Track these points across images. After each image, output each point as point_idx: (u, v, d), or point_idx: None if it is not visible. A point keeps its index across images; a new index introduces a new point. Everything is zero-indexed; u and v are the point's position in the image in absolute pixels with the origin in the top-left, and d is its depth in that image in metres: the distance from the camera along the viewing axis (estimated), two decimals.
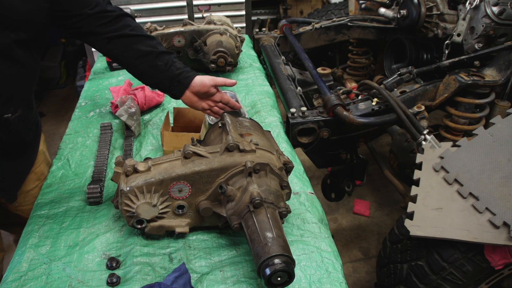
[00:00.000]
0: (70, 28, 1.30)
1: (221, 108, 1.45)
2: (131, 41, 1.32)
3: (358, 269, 2.54)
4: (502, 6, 1.94)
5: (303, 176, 1.50)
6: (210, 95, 1.42)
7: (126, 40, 1.32)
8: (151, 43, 1.34)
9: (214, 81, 1.39)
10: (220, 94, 1.44)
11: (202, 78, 1.38)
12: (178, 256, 1.16)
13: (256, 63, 2.40)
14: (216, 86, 1.41)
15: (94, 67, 2.39)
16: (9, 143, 1.31)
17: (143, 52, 1.32)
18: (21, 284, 1.08)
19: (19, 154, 1.40)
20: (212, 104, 1.44)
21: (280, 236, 0.99)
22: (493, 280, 1.52)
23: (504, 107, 2.01)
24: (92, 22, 1.28)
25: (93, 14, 1.27)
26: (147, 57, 1.32)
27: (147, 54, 1.32)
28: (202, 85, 1.37)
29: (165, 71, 1.34)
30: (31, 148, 1.48)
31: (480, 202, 1.35)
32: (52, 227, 1.26)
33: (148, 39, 1.35)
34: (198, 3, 3.65)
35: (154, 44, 1.34)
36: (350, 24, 2.71)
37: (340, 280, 1.10)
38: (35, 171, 1.54)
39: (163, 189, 1.11)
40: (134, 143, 1.68)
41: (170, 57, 1.36)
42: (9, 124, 1.23)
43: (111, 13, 1.30)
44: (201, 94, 1.40)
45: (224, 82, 1.42)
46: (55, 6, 1.21)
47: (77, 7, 1.25)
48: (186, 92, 1.38)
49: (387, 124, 1.93)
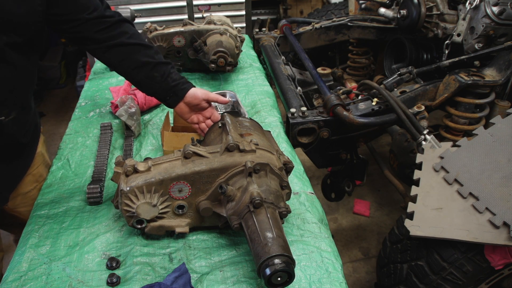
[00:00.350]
0: (67, 33, 1.29)
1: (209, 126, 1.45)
2: (128, 51, 1.32)
3: (358, 269, 2.55)
4: (502, 6, 1.94)
5: (303, 176, 1.50)
6: (202, 109, 1.43)
7: (124, 49, 1.32)
8: (149, 53, 1.34)
9: (207, 96, 1.41)
10: (212, 110, 1.45)
11: (195, 90, 1.40)
12: (178, 256, 1.16)
13: (256, 63, 2.40)
14: (208, 101, 1.42)
15: (94, 67, 2.39)
16: (3, 146, 1.29)
17: (140, 62, 1.32)
18: (21, 284, 1.08)
19: (13, 157, 1.38)
20: (201, 119, 1.46)
21: (280, 236, 0.99)
22: (493, 280, 1.52)
23: (504, 107, 2.01)
24: (90, 27, 1.27)
25: (91, 19, 1.26)
26: (143, 68, 1.33)
27: (144, 65, 1.33)
28: (194, 97, 1.39)
29: (161, 82, 1.35)
30: (27, 151, 1.46)
31: (480, 202, 1.35)
32: (52, 227, 1.26)
33: (145, 48, 1.35)
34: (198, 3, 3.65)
35: (152, 54, 1.35)
36: (350, 24, 2.71)
37: (340, 280, 1.10)
38: (33, 173, 1.53)
39: (163, 189, 1.11)
40: (134, 143, 1.68)
41: (167, 68, 1.36)
42: (2, 127, 1.21)
43: (109, 18, 1.30)
44: (192, 106, 1.41)
45: (217, 99, 1.43)
46: (52, 9, 1.19)
47: (75, 11, 1.24)
48: (180, 103, 1.40)
49: (387, 124, 1.93)
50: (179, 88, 1.37)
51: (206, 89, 2.07)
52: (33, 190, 1.52)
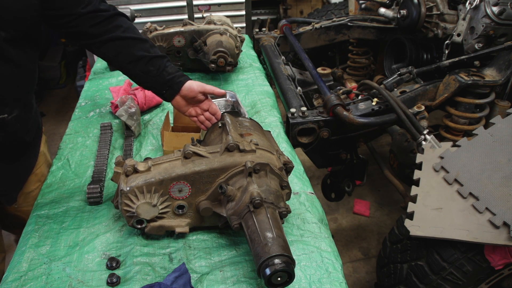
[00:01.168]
0: (63, 28, 1.29)
1: (208, 119, 1.44)
2: (123, 45, 1.32)
3: (358, 269, 2.55)
4: (502, 6, 1.94)
5: (303, 176, 1.50)
6: (198, 102, 1.42)
7: (119, 43, 1.31)
8: (144, 47, 1.34)
9: (203, 88, 1.40)
10: (209, 102, 1.44)
11: (191, 83, 1.39)
12: (178, 256, 1.16)
13: (256, 63, 2.40)
14: (205, 93, 1.41)
15: (94, 67, 2.39)
16: (7, 144, 1.29)
17: (135, 57, 1.32)
18: (21, 284, 1.08)
19: (18, 156, 1.39)
20: (199, 111, 1.45)
21: (280, 236, 0.99)
22: (493, 280, 1.52)
23: (504, 107, 2.01)
24: (84, 21, 1.27)
25: (86, 13, 1.25)
26: (139, 62, 1.33)
27: (139, 59, 1.33)
28: (190, 90, 1.38)
29: (156, 76, 1.35)
30: (31, 150, 1.47)
31: (480, 202, 1.35)
32: (52, 227, 1.26)
33: (140, 42, 1.34)
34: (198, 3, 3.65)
35: (147, 47, 1.34)
36: (350, 24, 2.71)
37: (340, 280, 1.10)
38: (36, 172, 1.54)
39: (163, 189, 1.11)
40: (134, 143, 1.68)
41: (163, 62, 1.36)
42: (5, 125, 1.22)
43: (104, 12, 1.29)
44: (189, 99, 1.40)
45: (213, 91, 1.42)
46: (47, 4, 1.19)
47: (70, 5, 1.24)
48: (176, 96, 1.40)
49: (387, 124, 1.93)
50: (175, 81, 1.37)
51: None
52: (36, 190, 1.52)
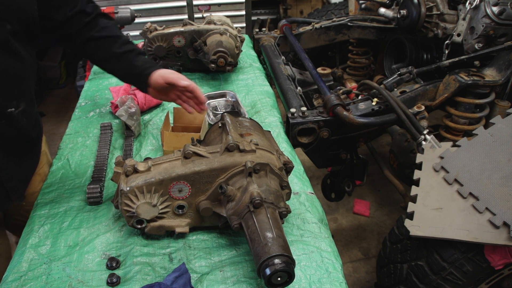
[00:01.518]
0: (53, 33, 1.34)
1: (189, 97, 1.44)
2: (97, 45, 1.37)
3: (358, 269, 2.54)
4: (502, 6, 1.94)
5: (303, 176, 1.50)
6: (171, 89, 1.42)
7: (93, 44, 1.37)
8: (116, 45, 1.38)
9: (167, 79, 1.38)
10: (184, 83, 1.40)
11: (156, 76, 1.38)
12: (178, 256, 1.16)
13: (256, 63, 2.40)
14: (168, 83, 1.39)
15: (94, 67, 2.39)
16: (16, 139, 1.30)
17: (107, 55, 1.38)
18: (21, 284, 1.08)
19: (25, 152, 1.39)
20: (179, 93, 1.45)
21: (280, 236, 0.99)
22: (493, 280, 1.52)
23: (504, 107, 2.01)
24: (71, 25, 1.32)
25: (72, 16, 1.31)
26: (110, 59, 1.39)
27: (111, 57, 1.38)
28: (156, 82, 1.39)
29: (128, 71, 1.40)
30: (36, 147, 1.47)
31: (480, 202, 1.35)
32: (52, 227, 1.26)
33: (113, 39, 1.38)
34: (198, 3, 3.65)
35: (119, 44, 1.38)
36: (350, 24, 2.71)
37: (340, 280, 1.10)
38: (39, 172, 1.54)
39: (163, 189, 1.11)
40: (134, 143, 1.68)
41: (131, 56, 1.39)
42: (13, 119, 1.22)
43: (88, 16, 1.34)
44: (160, 89, 1.41)
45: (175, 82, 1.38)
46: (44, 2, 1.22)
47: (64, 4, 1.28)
48: (149, 88, 1.42)
49: (387, 124, 1.93)
50: (143, 74, 1.39)
51: (206, 89, 2.08)
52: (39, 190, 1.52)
